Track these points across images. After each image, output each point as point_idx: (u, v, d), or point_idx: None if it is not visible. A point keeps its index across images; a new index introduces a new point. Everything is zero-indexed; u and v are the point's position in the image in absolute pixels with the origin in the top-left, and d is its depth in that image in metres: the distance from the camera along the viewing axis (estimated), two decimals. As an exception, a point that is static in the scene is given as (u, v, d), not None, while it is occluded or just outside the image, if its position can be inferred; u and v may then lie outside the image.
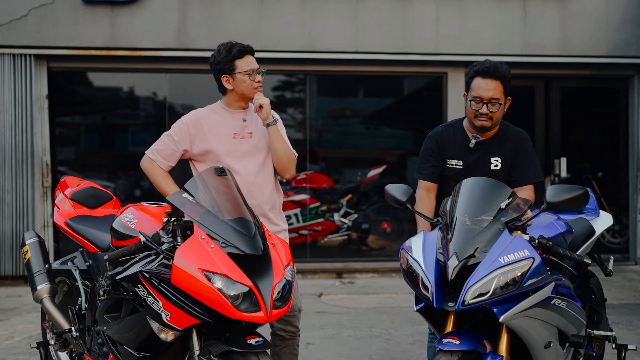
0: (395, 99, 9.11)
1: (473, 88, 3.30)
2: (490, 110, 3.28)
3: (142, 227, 2.99)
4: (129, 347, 2.91)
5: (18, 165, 7.43)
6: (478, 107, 3.29)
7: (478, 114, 3.30)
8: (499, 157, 3.37)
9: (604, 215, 3.86)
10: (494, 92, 3.26)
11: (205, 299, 2.58)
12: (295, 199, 8.29)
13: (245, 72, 3.40)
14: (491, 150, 3.38)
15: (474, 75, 3.32)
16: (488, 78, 3.26)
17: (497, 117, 3.33)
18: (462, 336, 2.62)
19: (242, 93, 3.44)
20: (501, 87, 3.29)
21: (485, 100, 3.27)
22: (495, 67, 3.28)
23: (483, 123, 3.32)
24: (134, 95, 8.66)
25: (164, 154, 3.46)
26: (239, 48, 3.42)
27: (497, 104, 3.28)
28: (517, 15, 7.94)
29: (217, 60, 3.42)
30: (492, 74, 3.26)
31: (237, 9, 7.62)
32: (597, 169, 8.99)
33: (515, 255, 2.60)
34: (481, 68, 3.29)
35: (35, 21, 7.41)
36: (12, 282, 7.38)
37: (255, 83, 3.43)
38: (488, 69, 3.27)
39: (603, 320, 3.78)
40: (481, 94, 3.27)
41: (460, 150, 3.40)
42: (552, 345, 2.79)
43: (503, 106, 3.33)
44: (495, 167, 3.36)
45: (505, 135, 3.43)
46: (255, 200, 3.40)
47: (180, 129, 3.46)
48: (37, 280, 3.64)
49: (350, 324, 5.82)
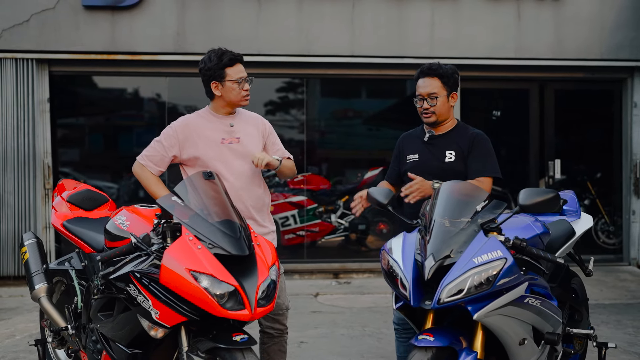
0: (392, 101, 9.24)
1: (416, 89, 3.63)
2: (430, 104, 3.57)
3: (134, 228, 3.11)
4: (121, 344, 3.03)
5: (20, 167, 7.57)
6: (420, 104, 3.60)
7: (422, 110, 3.60)
8: (453, 151, 3.60)
9: (584, 216, 3.96)
10: (430, 88, 3.56)
11: (192, 297, 2.70)
12: (292, 201, 8.41)
13: (234, 81, 3.50)
14: (447, 144, 3.63)
15: (416, 78, 3.63)
16: (426, 77, 3.59)
17: (440, 110, 3.59)
18: (437, 333, 2.74)
19: (229, 100, 3.54)
20: (439, 83, 3.57)
21: (424, 96, 3.58)
22: (432, 66, 3.60)
23: (428, 119, 3.62)
24: (135, 98, 8.80)
25: (154, 159, 3.56)
26: (230, 56, 3.51)
27: (435, 98, 3.56)
28: (511, 19, 8.05)
29: (208, 67, 3.50)
30: (429, 72, 3.58)
31: (235, 14, 7.75)
32: (592, 170, 9.08)
33: (489, 256, 2.71)
34: (421, 69, 3.61)
35: (37, 26, 7.55)
36: (14, 282, 7.51)
37: (243, 91, 3.53)
38: (424, 69, 3.59)
39: (584, 319, 3.89)
40: (420, 92, 3.60)
41: (417, 146, 3.66)
42: (526, 342, 2.89)
43: (445, 100, 3.60)
44: (450, 160, 3.59)
45: (462, 133, 3.66)
46: (243, 204, 3.51)
47: (169, 135, 3.56)
48: (35, 280, 3.77)
49: (344, 323, 5.93)
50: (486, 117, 9.21)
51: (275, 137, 3.78)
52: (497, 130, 9.32)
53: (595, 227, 8.95)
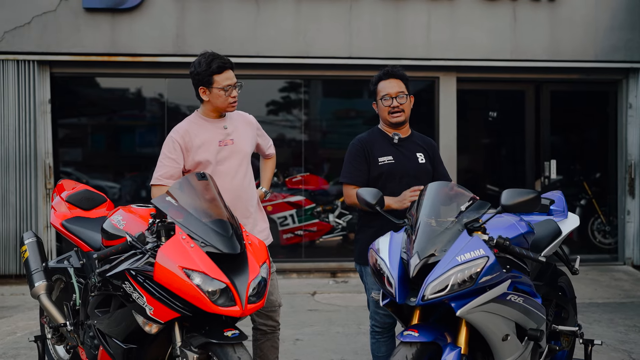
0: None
1: (380, 90, 3.75)
2: (400, 102, 3.71)
3: (129, 228, 3.20)
4: (117, 340, 3.13)
5: (22, 167, 7.67)
6: (389, 103, 3.72)
7: (391, 109, 3.72)
8: (421, 153, 3.83)
9: (571, 216, 4.05)
10: (398, 87, 3.73)
11: (185, 294, 2.80)
12: (290, 200, 8.51)
13: (221, 88, 3.53)
14: (414, 147, 3.83)
15: (377, 81, 3.77)
16: (390, 78, 3.74)
17: (407, 110, 3.77)
18: (422, 329, 2.83)
19: (216, 106, 3.59)
20: (403, 84, 3.75)
21: (393, 95, 3.72)
22: (394, 67, 3.78)
23: (398, 119, 3.75)
24: (135, 98, 8.89)
25: (168, 174, 3.54)
26: (219, 63, 3.52)
27: (404, 96, 3.73)
28: (507, 20, 8.13)
29: (197, 72, 3.54)
30: (392, 74, 3.74)
31: (234, 16, 7.84)
32: (589, 171, 9.17)
33: (472, 254, 2.81)
34: (382, 73, 3.76)
35: (38, 28, 7.65)
36: (15, 280, 7.62)
37: (230, 98, 3.56)
38: (388, 71, 3.75)
39: (570, 317, 3.98)
40: (389, 91, 3.72)
41: (387, 149, 3.78)
42: (509, 338, 2.98)
43: (409, 102, 3.77)
44: (422, 161, 3.81)
45: (421, 138, 3.91)
46: (243, 203, 3.61)
47: (172, 147, 3.55)
48: (35, 278, 3.87)
49: (340, 321, 6.02)
50: (482, 118, 9.30)
51: (262, 132, 3.92)
52: (493, 131, 9.42)
53: (591, 227, 9.03)
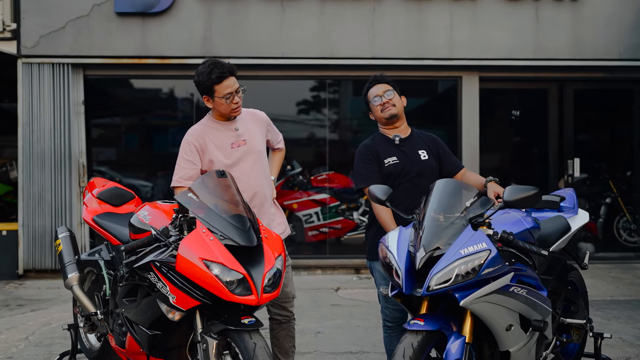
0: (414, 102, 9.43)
1: (371, 97, 3.95)
2: (388, 98, 3.91)
3: (155, 222, 3.42)
4: (143, 327, 3.35)
5: (57, 166, 7.98)
6: (379, 101, 3.92)
7: (381, 106, 3.91)
8: (424, 150, 3.96)
9: (581, 213, 4.16)
10: (384, 88, 3.93)
11: (205, 284, 3.01)
12: (315, 198, 8.70)
13: (222, 97, 3.65)
14: (416, 145, 3.97)
15: (366, 91, 3.98)
16: (378, 83, 3.96)
17: (399, 104, 3.94)
18: (428, 318, 2.99)
19: (220, 113, 3.74)
20: (389, 86, 3.95)
21: (380, 94, 3.92)
22: (379, 76, 4.01)
23: (390, 111, 3.91)
24: (166, 99, 9.19)
25: (186, 176, 3.70)
26: (218, 74, 3.62)
27: (392, 92, 3.92)
28: (529, 20, 8.18)
29: (198, 82, 3.68)
30: (378, 81, 3.97)
31: (260, 18, 8.05)
32: (614, 169, 9.17)
33: (475, 248, 2.96)
34: (369, 82, 3.99)
35: (72, 32, 7.96)
36: (51, 275, 7.93)
37: (233, 104, 3.68)
38: (375, 78, 3.98)
39: (580, 310, 4.08)
40: (377, 93, 3.93)
41: (391, 150, 3.93)
42: (513, 328, 3.12)
43: (400, 100, 3.96)
44: (425, 158, 3.93)
45: (422, 136, 4.05)
46: (259, 200, 3.79)
47: (189, 150, 3.71)
48: (68, 270, 4.13)
49: (360, 316, 6.18)
50: (505, 117, 9.36)
51: (272, 127, 4.04)
52: (516, 130, 9.48)
53: (617, 225, 9.04)
